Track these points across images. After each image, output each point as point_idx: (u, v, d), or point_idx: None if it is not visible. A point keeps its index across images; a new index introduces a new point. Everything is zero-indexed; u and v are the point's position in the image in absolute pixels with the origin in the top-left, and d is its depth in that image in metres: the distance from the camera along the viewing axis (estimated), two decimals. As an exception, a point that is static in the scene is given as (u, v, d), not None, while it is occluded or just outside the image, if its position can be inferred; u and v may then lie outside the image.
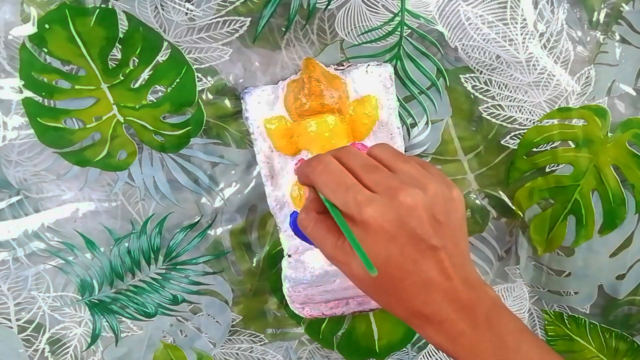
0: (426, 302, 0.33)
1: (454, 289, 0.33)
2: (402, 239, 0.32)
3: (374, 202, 0.32)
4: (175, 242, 0.48)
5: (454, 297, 0.33)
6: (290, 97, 0.42)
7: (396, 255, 0.33)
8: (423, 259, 0.33)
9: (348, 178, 0.34)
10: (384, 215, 0.32)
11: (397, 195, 0.32)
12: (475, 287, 0.34)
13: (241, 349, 0.52)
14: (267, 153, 0.45)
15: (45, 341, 0.50)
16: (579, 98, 0.46)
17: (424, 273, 0.33)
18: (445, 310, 0.33)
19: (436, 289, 0.33)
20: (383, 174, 0.34)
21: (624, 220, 0.48)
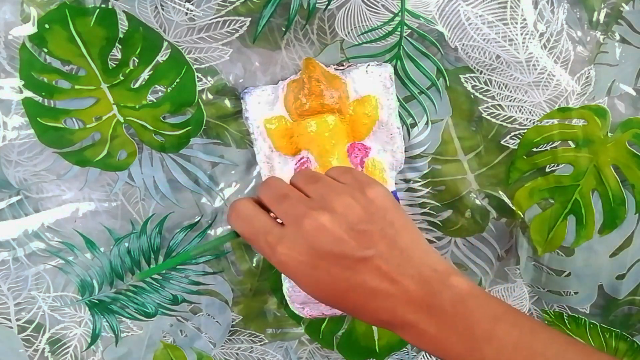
0: (378, 311, 0.32)
1: (403, 292, 0.32)
2: (324, 264, 0.32)
3: (283, 238, 0.32)
4: (175, 242, 0.48)
5: (407, 299, 0.31)
6: (290, 97, 0.42)
7: (326, 280, 0.32)
8: (355, 274, 0.32)
9: (258, 221, 0.34)
10: (295, 248, 0.32)
11: (302, 223, 0.32)
12: (431, 281, 0.32)
13: (241, 349, 0.52)
14: (267, 153, 0.45)
15: (45, 341, 0.50)
16: (579, 98, 0.46)
17: (363, 286, 0.32)
18: (401, 315, 0.32)
19: (383, 296, 0.32)
20: (291, 202, 0.34)
21: (624, 220, 0.48)
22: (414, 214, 0.49)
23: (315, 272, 0.32)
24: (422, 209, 0.49)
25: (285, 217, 0.34)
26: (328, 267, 0.32)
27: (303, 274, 0.32)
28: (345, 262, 0.32)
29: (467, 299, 0.31)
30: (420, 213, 0.49)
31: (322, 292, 0.33)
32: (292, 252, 0.32)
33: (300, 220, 0.32)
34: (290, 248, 0.32)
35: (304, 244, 0.32)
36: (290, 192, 0.35)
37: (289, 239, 0.32)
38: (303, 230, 0.32)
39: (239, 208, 0.35)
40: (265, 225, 0.34)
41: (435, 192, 0.48)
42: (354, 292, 0.32)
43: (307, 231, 0.32)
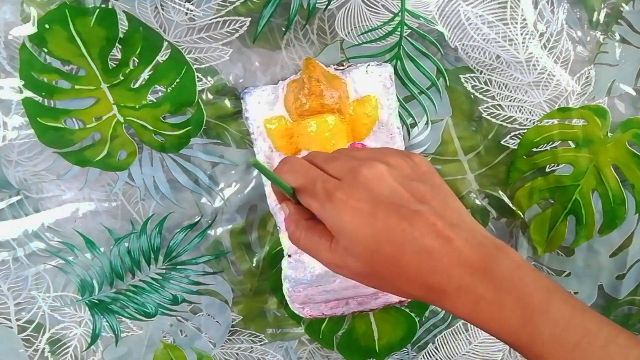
0: (434, 272, 0.30)
1: (459, 251, 0.30)
2: (382, 212, 0.30)
3: (341, 186, 0.31)
4: (175, 242, 0.48)
5: (462, 260, 0.30)
6: (290, 97, 0.42)
7: (383, 230, 0.30)
8: (412, 226, 0.30)
9: (313, 171, 0.33)
10: (354, 195, 0.31)
11: (360, 171, 0.31)
12: (485, 245, 0.30)
13: (241, 349, 0.52)
14: (267, 153, 0.45)
15: (45, 341, 0.50)
16: (579, 98, 0.46)
17: (418, 241, 0.30)
18: (457, 276, 0.30)
19: (438, 254, 0.30)
20: (343, 160, 0.33)
21: (624, 220, 0.48)
22: (414, 214, 0.49)
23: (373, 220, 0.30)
24: (422, 209, 0.49)
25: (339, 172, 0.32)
26: (386, 216, 0.30)
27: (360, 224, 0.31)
28: (402, 211, 0.30)
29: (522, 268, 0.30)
30: (420, 213, 0.49)
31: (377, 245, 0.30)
32: (350, 198, 0.31)
33: (357, 169, 0.31)
34: (349, 194, 0.31)
35: (362, 190, 0.31)
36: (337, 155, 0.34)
37: (347, 184, 0.31)
38: (361, 177, 0.31)
39: (291, 160, 0.34)
40: (322, 175, 0.33)
41: (435, 192, 0.48)
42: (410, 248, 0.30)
43: (365, 178, 0.31)
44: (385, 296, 0.47)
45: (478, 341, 0.53)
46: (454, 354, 0.53)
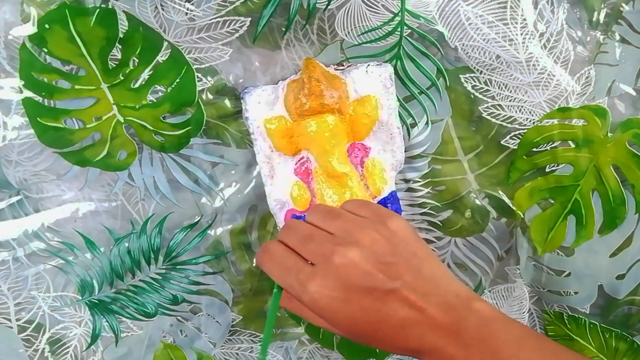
0: (407, 340, 0.33)
1: (431, 319, 0.33)
2: (355, 297, 0.33)
3: (315, 276, 0.33)
4: (175, 242, 0.48)
5: (434, 326, 0.33)
6: (290, 97, 0.42)
7: (358, 314, 0.33)
8: (385, 305, 0.33)
9: (289, 260, 0.35)
10: (327, 285, 0.33)
11: (332, 260, 0.33)
12: (456, 307, 0.33)
13: (241, 349, 0.52)
14: (267, 153, 0.45)
15: (45, 341, 0.50)
16: (579, 98, 0.46)
17: (392, 317, 0.33)
18: (429, 341, 0.33)
19: (412, 325, 0.33)
20: (317, 241, 0.35)
21: (624, 220, 0.48)
22: (414, 214, 0.49)
23: (348, 306, 0.33)
24: (422, 209, 0.49)
25: (313, 256, 0.34)
26: (359, 301, 0.33)
27: (336, 310, 0.33)
28: (375, 294, 0.33)
29: (491, 323, 0.33)
30: (420, 213, 0.49)
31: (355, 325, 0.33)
32: (324, 288, 0.33)
33: (330, 257, 0.33)
34: (322, 285, 0.33)
35: (335, 279, 0.33)
36: (314, 231, 0.36)
37: (320, 275, 0.33)
38: (333, 266, 0.33)
39: (270, 248, 0.36)
40: (297, 264, 0.35)
41: (435, 192, 0.48)
42: (385, 324, 0.33)
43: (337, 267, 0.33)
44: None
45: (478, 341, 0.52)
46: (454, 354, 0.53)
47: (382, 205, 0.44)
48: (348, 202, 0.39)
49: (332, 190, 0.43)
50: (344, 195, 0.43)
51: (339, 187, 0.43)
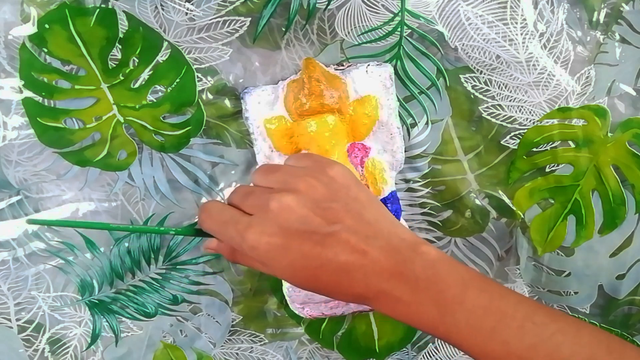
0: (352, 285, 0.32)
1: (374, 262, 0.32)
2: (294, 243, 0.32)
3: (252, 224, 0.33)
4: (175, 242, 0.48)
5: (378, 269, 0.32)
6: (290, 97, 0.42)
7: (299, 259, 0.32)
8: (325, 249, 0.32)
9: (226, 213, 0.35)
10: (265, 231, 0.32)
11: (269, 207, 0.33)
12: (400, 250, 0.32)
13: (241, 349, 0.52)
14: (267, 153, 0.45)
15: (45, 341, 0.50)
16: (579, 98, 0.46)
17: (333, 261, 0.32)
18: (374, 284, 0.32)
19: (355, 269, 0.32)
20: (256, 194, 0.35)
21: (624, 220, 0.48)
22: (414, 214, 0.49)
23: (287, 253, 0.32)
24: (422, 209, 0.49)
25: (251, 208, 0.34)
26: (299, 246, 0.32)
27: (275, 257, 0.33)
28: (314, 238, 0.32)
29: (436, 265, 0.32)
30: (420, 213, 0.49)
31: (296, 272, 0.33)
32: (261, 235, 0.32)
33: (266, 205, 0.33)
34: (260, 232, 0.33)
35: (272, 225, 0.33)
36: (254, 188, 0.36)
37: (257, 223, 0.33)
38: (270, 213, 0.33)
39: (208, 207, 0.37)
40: (233, 216, 0.35)
41: (435, 192, 0.48)
42: (326, 269, 0.32)
43: (274, 213, 0.33)
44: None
45: (478, 341, 0.52)
46: (454, 353, 0.53)
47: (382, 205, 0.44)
48: (290, 157, 0.39)
49: (332, 190, 0.43)
50: (344, 195, 0.43)
51: (339, 187, 0.43)
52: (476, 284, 0.32)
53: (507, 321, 0.30)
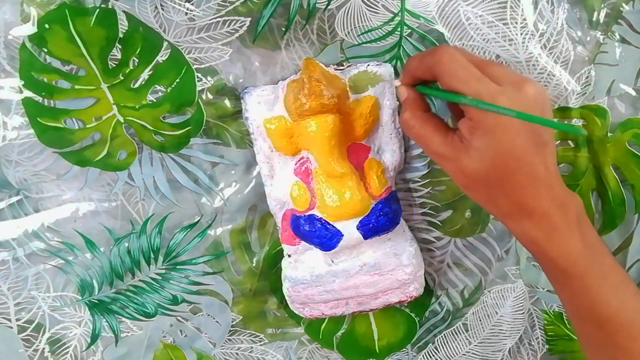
0: (532, 195, 0.36)
1: (553, 186, 0.36)
2: (525, 132, 0.35)
3: (505, 93, 0.34)
4: (175, 242, 0.48)
5: (553, 194, 0.36)
6: (290, 97, 0.42)
7: (519, 146, 0.35)
8: (536, 153, 0.35)
9: (475, 70, 0.36)
10: (512, 104, 0.34)
11: (524, 86, 0.35)
12: (566, 187, 0.37)
13: (241, 349, 0.52)
14: (267, 153, 0.45)
15: (45, 341, 0.50)
16: (579, 98, 0.46)
17: (534, 167, 0.35)
18: (546, 204, 0.36)
19: (541, 183, 0.36)
20: (504, 68, 0.37)
21: (623, 220, 0.48)
22: (414, 214, 0.49)
23: (516, 137, 0.35)
24: (422, 209, 0.49)
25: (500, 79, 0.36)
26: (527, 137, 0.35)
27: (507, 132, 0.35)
28: (537, 139, 0.35)
29: (585, 215, 0.39)
30: (420, 213, 0.49)
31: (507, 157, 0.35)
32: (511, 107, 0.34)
33: (521, 84, 0.35)
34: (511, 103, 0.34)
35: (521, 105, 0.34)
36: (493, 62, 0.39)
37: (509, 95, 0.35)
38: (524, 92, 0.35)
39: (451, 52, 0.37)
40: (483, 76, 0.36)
41: (435, 192, 0.48)
42: (525, 169, 0.35)
43: (527, 94, 0.35)
44: (385, 296, 0.47)
45: (478, 341, 0.53)
46: (453, 354, 0.53)
47: (382, 205, 0.44)
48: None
49: (332, 190, 0.43)
50: (344, 195, 0.43)
51: (339, 187, 0.43)
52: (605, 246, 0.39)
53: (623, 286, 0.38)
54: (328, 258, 0.46)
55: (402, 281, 0.46)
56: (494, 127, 0.34)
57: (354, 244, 0.44)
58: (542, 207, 0.36)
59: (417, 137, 0.39)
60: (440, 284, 0.51)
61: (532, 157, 0.35)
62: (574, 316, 0.40)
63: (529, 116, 0.33)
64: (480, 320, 0.52)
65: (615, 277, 0.38)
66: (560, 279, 0.39)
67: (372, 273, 0.46)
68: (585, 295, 0.37)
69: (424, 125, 0.38)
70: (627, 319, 0.37)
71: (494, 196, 0.37)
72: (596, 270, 0.37)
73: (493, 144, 0.35)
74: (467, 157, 0.36)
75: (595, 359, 0.40)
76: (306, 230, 0.44)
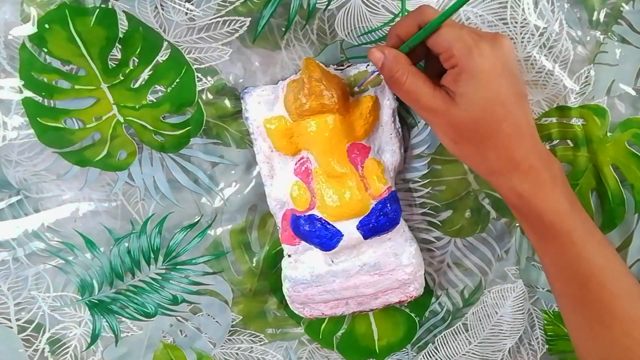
0: (519, 148, 0.37)
1: (536, 139, 0.38)
2: (507, 79, 0.36)
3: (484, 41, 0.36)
4: (175, 242, 0.48)
5: (537, 147, 0.38)
6: (290, 97, 0.42)
7: (503, 93, 0.36)
8: (518, 103, 0.37)
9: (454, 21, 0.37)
10: (494, 53, 0.36)
11: (501, 39, 0.37)
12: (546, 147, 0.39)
13: (241, 349, 0.52)
14: (267, 153, 0.45)
15: (45, 341, 0.50)
16: (578, 97, 0.46)
17: (517, 118, 0.37)
18: (532, 157, 0.37)
19: (526, 135, 0.37)
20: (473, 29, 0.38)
21: (623, 220, 0.48)
22: (414, 214, 0.49)
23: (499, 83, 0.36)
24: (422, 209, 0.49)
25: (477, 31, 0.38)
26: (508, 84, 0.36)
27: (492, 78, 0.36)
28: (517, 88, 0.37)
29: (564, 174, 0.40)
30: (420, 213, 0.49)
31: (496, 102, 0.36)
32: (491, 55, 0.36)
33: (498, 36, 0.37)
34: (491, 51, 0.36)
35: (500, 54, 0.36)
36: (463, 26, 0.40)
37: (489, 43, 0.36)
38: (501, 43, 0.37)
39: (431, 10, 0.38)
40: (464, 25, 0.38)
41: (435, 192, 0.49)
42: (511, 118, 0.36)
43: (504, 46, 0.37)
44: (385, 296, 0.47)
45: (478, 341, 0.53)
46: (453, 354, 0.53)
47: (382, 205, 0.44)
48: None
49: (332, 190, 0.43)
50: (344, 195, 0.43)
51: (339, 187, 0.43)
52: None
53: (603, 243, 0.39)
54: (328, 258, 0.46)
55: (402, 281, 0.46)
56: (479, 72, 0.35)
57: (354, 244, 0.44)
58: (528, 161, 0.37)
59: (407, 93, 0.38)
60: (440, 284, 0.51)
61: (515, 107, 0.36)
62: (557, 275, 0.41)
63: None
64: (480, 320, 0.52)
65: (597, 235, 0.39)
66: (546, 235, 0.39)
67: (372, 273, 0.46)
68: (570, 251, 0.38)
69: (414, 78, 0.37)
70: (610, 277, 0.38)
71: (483, 149, 0.37)
72: (581, 228, 0.38)
73: (479, 87, 0.36)
74: (456, 107, 0.36)
75: (576, 320, 0.41)
76: (306, 230, 0.44)
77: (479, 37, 0.36)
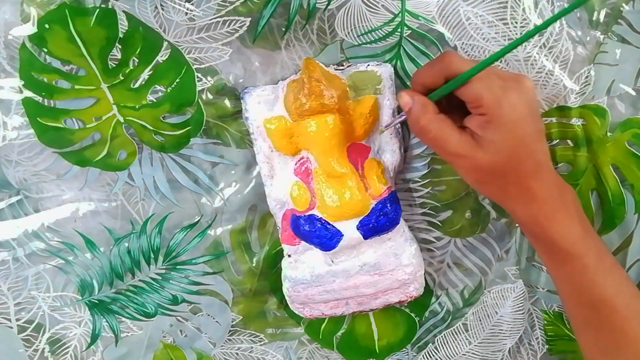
0: (537, 180, 0.39)
1: (551, 169, 0.40)
2: (531, 121, 0.38)
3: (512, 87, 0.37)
4: (175, 242, 0.48)
5: (553, 178, 0.40)
6: (290, 97, 0.42)
7: (529, 134, 0.37)
8: (539, 140, 0.39)
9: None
10: (521, 99, 0.37)
11: (524, 82, 0.38)
12: (560, 176, 0.41)
13: (241, 349, 0.52)
14: (267, 153, 0.45)
15: (45, 341, 0.50)
16: (578, 97, 0.46)
17: (538, 155, 0.39)
18: (548, 188, 0.39)
19: (542, 168, 0.39)
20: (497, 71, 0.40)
21: (623, 220, 0.48)
22: (414, 214, 0.49)
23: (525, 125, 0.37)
24: (422, 209, 0.49)
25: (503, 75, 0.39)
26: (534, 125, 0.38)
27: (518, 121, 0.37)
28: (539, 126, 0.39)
29: (579, 202, 0.42)
30: (420, 213, 0.49)
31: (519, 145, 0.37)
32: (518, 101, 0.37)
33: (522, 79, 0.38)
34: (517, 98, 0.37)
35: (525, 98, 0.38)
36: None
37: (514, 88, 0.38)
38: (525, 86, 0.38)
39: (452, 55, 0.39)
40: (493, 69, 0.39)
41: (435, 192, 0.48)
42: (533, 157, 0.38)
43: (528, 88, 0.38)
44: (385, 296, 0.47)
45: (478, 341, 0.53)
46: (453, 354, 0.53)
47: (382, 205, 0.44)
48: None
49: (332, 190, 0.43)
50: (344, 195, 0.43)
51: (339, 187, 0.43)
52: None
53: (614, 269, 0.41)
54: (328, 258, 0.46)
55: (402, 281, 0.46)
56: (507, 122, 0.36)
57: (354, 244, 0.44)
58: (545, 191, 0.39)
59: (434, 140, 0.39)
60: (440, 284, 0.51)
61: (536, 145, 0.38)
62: (570, 299, 0.42)
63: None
64: (480, 320, 0.52)
65: (609, 260, 0.41)
66: (560, 260, 0.40)
67: (372, 273, 0.46)
68: (583, 275, 0.40)
69: (441, 126, 0.39)
70: (622, 301, 0.39)
71: (505, 185, 0.39)
72: (593, 253, 0.40)
73: (507, 135, 0.37)
74: (482, 151, 0.37)
75: (589, 341, 0.42)
76: (306, 230, 0.44)
77: (505, 84, 0.37)
